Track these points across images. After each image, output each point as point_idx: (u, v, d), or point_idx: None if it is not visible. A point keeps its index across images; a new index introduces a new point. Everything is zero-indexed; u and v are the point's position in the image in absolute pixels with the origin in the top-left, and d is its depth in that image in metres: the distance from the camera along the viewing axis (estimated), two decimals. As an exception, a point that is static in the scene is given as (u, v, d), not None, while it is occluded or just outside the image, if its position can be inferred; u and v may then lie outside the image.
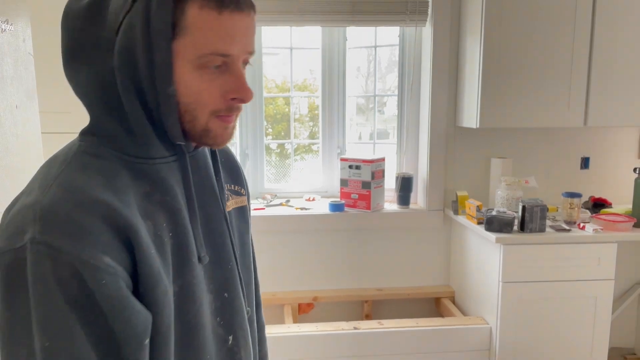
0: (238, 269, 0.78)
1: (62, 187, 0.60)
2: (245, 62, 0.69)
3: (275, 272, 2.53)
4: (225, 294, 0.75)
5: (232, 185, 0.85)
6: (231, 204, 0.82)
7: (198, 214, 0.71)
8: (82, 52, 0.64)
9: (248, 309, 0.82)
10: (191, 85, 0.64)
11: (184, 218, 0.69)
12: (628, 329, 2.78)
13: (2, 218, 0.63)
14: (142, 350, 0.61)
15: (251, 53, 0.69)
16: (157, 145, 0.66)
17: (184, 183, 0.70)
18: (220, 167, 0.81)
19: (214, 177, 0.77)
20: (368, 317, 2.55)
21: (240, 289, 0.78)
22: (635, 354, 2.79)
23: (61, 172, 0.62)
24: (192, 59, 0.63)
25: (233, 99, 0.67)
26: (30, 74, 1.06)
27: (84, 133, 0.68)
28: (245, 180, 0.90)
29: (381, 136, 2.84)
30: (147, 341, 0.62)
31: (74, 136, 0.71)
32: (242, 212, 0.86)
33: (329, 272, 2.56)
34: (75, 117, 1.82)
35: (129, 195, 0.63)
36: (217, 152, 0.79)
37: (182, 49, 0.63)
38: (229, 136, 0.70)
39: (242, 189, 0.88)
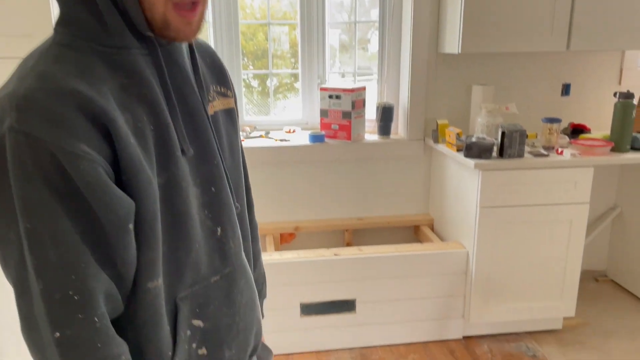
0: (224, 166, 0.80)
1: (37, 77, 0.60)
2: None
3: (256, 203, 2.51)
4: (213, 188, 0.77)
5: (218, 87, 0.85)
6: (218, 105, 0.83)
7: (177, 108, 0.72)
8: None
9: (237, 204, 0.84)
10: None
11: (163, 111, 0.69)
12: (600, 253, 2.88)
13: None
14: (126, 233, 0.64)
15: None
16: (128, 35, 0.67)
17: (159, 75, 0.70)
18: (204, 67, 0.82)
19: (191, 73, 0.76)
20: (349, 245, 2.59)
21: (228, 185, 0.80)
22: (606, 276, 2.90)
23: (36, 63, 0.62)
24: None
25: None
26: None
27: (58, 24, 0.67)
28: (231, 82, 0.90)
29: (364, 73, 2.77)
30: (130, 225, 0.64)
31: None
32: (230, 114, 0.86)
33: (310, 203, 2.58)
34: (39, 41, 1.74)
35: (104, 87, 0.63)
36: (194, 49, 0.78)
37: None
38: (193, 31, 0.70)
39: (229, 91, 0.88)
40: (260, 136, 2.55)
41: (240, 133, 2.53)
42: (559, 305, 2.31)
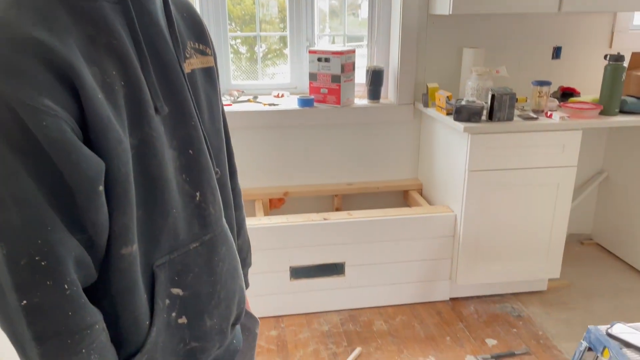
0: (202, 128, 0.76)
1: None
2: None
3: (245, 169, 2.52)
4: (190, 151, 0.73)
5: (196, 44, 0.80)
6: (195, 63, 0.78)
7: (150, 62, 0.67)
8: None
9: (217, 169, 0.81)
10: None
11: (134, 65, 0.64)
12: (586, 216, 2.92)
13: None
14: (96, 196, 0.60)
15: None
16: None
17: (129, 26, 0.65)
18: (180, 21, 0.76)
19: (165, 26, 0.71)
20: (338, 210, 2.60)
21: (206, 148, 0.77)
22: (591, 240, 2.95)
23: None
24: None
25: None
26: None
27: None
28: (210, 40, 0.85)
29: (355, 39, 2.71)
30: (100, 188, 0.60)
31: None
32: (209, 73, 0.81)
33: (299, 168, 2.57)
34: None
35: (68, 36, 0.58)
36: (169, 1, 0.73)
37: None
38: None
39: (208, 48, 0.83)
40: (248, 100, 2.51)
41: (227, 97, 2.50)
42: (544, 267, 2.35)
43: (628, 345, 1.35)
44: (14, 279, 0.56)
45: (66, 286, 0.58)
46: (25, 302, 0.57)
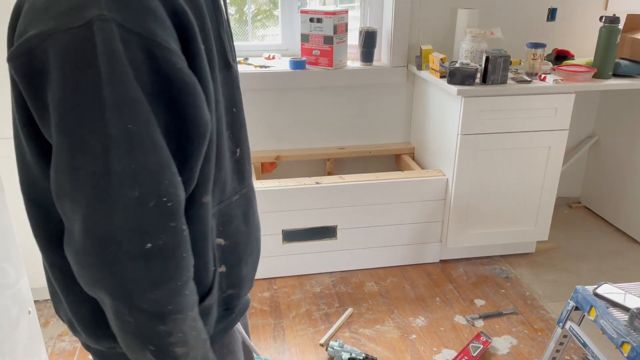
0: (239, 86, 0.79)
1: None
2: None
3: (236, 133, 2.49)
4: (234, 109, 0.75)
5: None
6: None
7: (225, 23, 0.69)
8: None
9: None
10: None
11: (212, 21, 0.66)
12: (575, 180, 2.95)
13: None
14: (205, 142, 0.62)
15: None
16: None
17: None
18: None
19: None
20: (330, 174, 2.60)
21: (242, 105, 0.80)
22: (580, 203, 2.99)
23: None
24: None
25: None
26: None
27: None
28: None
29: (347, 0, 2.65)
30: (208, 135, 0.62)
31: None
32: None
33: (291, 132, 2.55)
34: None
35: None
36: None
37: None
38: None
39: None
40: (239, 62, 2.46)
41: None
42: (533, 230, 2.38)
43: (614, 304, 1.38)
44: (140, 222, 0.56)
45: (184, 227, 0.60)
46: (150, 245, 0.56)
